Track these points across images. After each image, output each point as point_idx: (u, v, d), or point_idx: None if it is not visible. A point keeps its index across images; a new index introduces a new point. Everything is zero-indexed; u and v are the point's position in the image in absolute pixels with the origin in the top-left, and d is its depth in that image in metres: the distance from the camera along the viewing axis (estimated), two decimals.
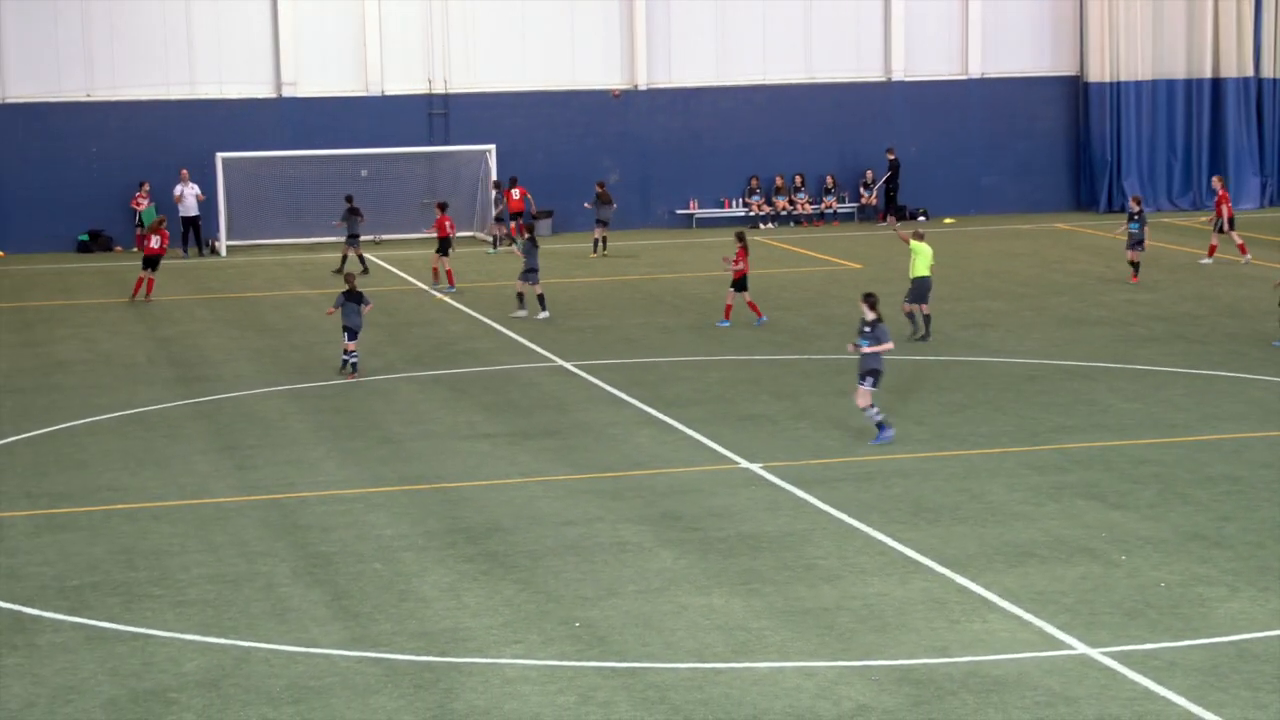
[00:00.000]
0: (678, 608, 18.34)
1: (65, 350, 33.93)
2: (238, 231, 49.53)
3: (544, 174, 52.35)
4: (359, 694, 16.14)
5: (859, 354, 25.53)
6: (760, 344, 33.79)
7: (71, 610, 18.50)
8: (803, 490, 22.83)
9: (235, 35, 50.67)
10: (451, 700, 15.95)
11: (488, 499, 22.78)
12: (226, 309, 39.32)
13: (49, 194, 49.36)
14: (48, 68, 49.46)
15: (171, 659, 17.04)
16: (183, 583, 19.43)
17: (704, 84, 53.83)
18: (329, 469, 24.55)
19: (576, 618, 18.09)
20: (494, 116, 52.02)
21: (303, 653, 17.20)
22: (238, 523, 21.83)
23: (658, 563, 19.95)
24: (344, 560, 20.21)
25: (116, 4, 49.82)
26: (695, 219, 53.78)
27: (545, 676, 16.50)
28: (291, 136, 50.48)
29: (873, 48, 54.82)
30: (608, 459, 24.90)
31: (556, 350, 33.17)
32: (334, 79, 51.44)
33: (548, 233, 52.34)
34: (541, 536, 21.03)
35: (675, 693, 16.03)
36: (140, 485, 23.73)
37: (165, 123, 50.13)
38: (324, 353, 33.39)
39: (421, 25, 51.84)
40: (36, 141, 49.41)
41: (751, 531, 21.07)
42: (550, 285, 42.19)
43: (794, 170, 54.35)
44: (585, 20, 52.89)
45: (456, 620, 18.11)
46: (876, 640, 17.28)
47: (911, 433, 26.07)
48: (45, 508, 22.64)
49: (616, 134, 53.27)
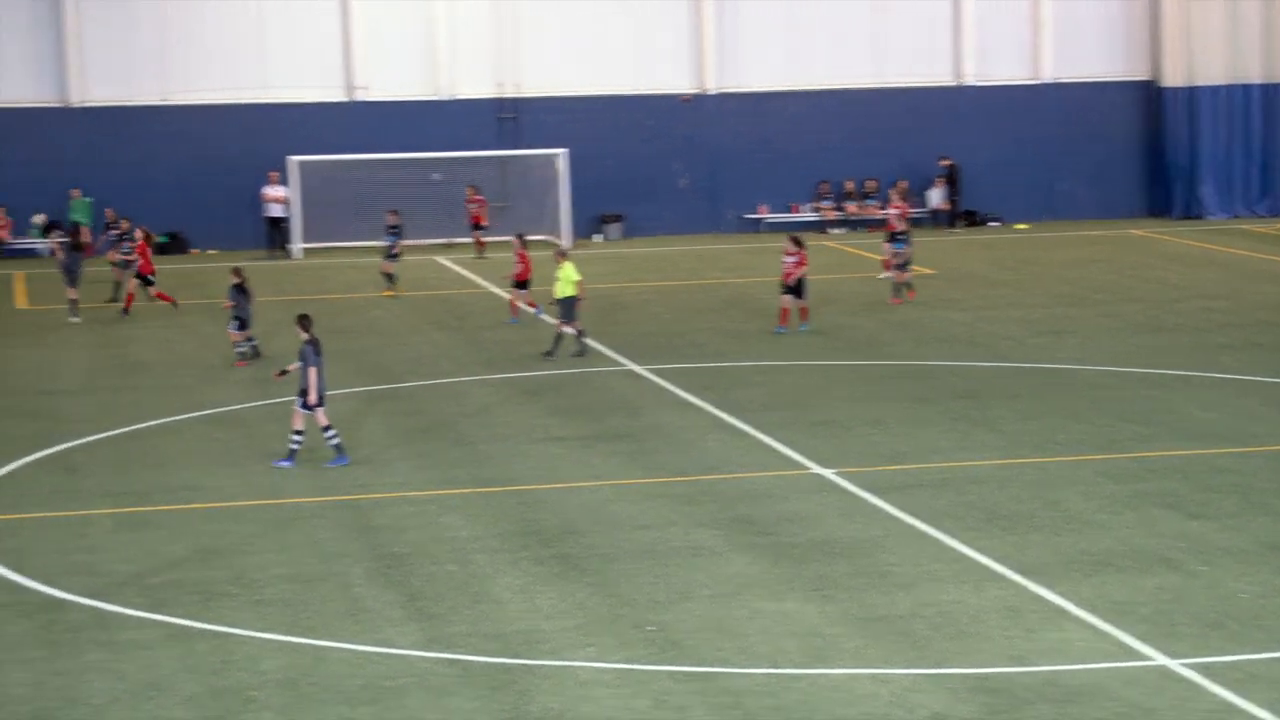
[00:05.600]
0: (751, 613, 18.34)
1: (143, 351, 34.22)
2: (311, 234, 49.81)
3: (613, 178, 52.43)
4: (435, 695, 16.22)
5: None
6: (833, 349, 33.74)
7: (152, 607, 18.67)
8: (876, 496, 22.78)
9: (307, 39, 50.99)
10: (526, 702, 15.99)
11: (561, 502, 22.83)
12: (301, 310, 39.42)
13: (125, 197, 49.70)
14: (124, 72, 49.91)
15: (250, 657, 17.16)
16: (260, 582, 19.57)
17: (773, 88, 53.77)
18: (403, 470, 24.67)
19: (650, 621, 18.10)
20: (564, 121, 52.11)
21: (379, 653, 17.29)
22: (313, 523, 21.97)
23: (731, 567, 19.95)
24: (418, 561, 20.30)
25: (191, 9, 50.23)
26: (764, 224, 53.73)
27: (619, 680, 16.52)
28: (363, 140, 50.72)
29: (943, 52, 54.64)
30: (680, 463, 24.91)
31: (628, 354, 33.21)
32: (405, 83, 51.69)
33: (618, 236, 52.44)
34: (615, 540, 21.07)
35: (749, 698, 16.02)
36: (218, 485, 23.91)
37: (239, 126, 50.48)
38: (396, 355, 33.56)
39: (492, 29, 52.01)
40: (113, 145, 49.85)
41: (825, 537, 21.04)
42: (621, 289, 42.28)
43: (864, 175, 54.22)
44: (655, 24, 52.94)
45: (531, 622, 18.16)
46: (951, 648, 17.21)
47: (986, 440, 25.98)
48: (126, 506, 22.85)
49: (685, 138, 53.29)
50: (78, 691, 16.34)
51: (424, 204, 49.35)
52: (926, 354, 33.16)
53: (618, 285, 43.18)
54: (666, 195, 53.29)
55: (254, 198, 49.93)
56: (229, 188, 50.35)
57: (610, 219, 52.57)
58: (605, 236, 52.48)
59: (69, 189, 49.11)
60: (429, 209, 49.22)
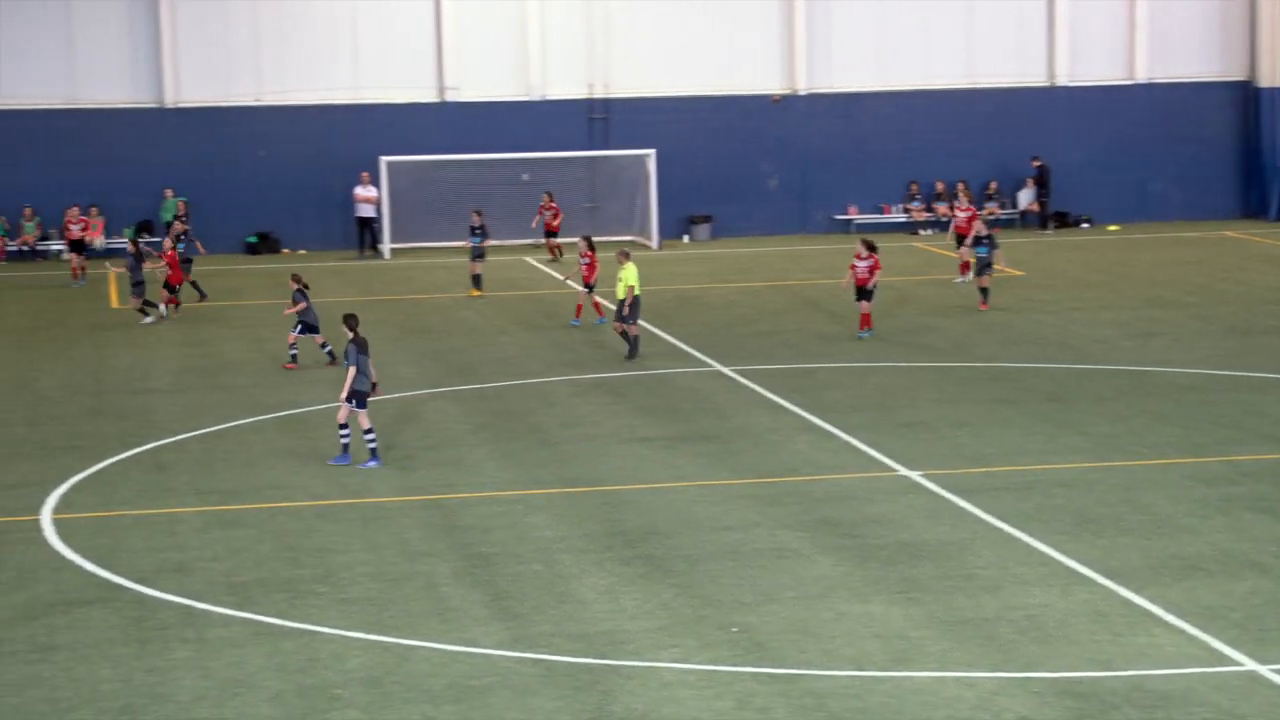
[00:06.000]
0: (836, 615, 18.28)
1: (232, 350, 34.52)
2: (401, 234, 50.08)
3: (703, 179, 52.42)
4: (518, 694, 16.26)
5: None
6: (920, 351, 33.59)
7: (239, 605, 18.83)
8: (963, 499, 22.66)
9: (399, 41, 51.27)
10: (609, 703, 16.01)
11: (646, 502, 22.84)
12: (389, 311, 39.77)
13: (218, 197, 50.25)
14: (218, 73, 50.37)
15: (336, 655, 17.27)
16: (346, 581, 19.69)
17: (864, 89, 53.58)
18: (489, 470, 24.75)
19: (734, 623, 18.09)
20: (653, 121, 52.13)
21: (463, 652, 17.36)
22: (399, 522, 22.08)
23: (816, 569, 19.90)
24: (503, 561, 20.37)
25: (284, 10, 50.64)
26: (854, 225, 53.54)
27: (702, 681, 16.51)
28: (454, 140, 50.94)
29: (1036, 52, 54.28)
30: (766, 464, 24.88)
31: (715, 355, 33.19)
32: (496, 84, 51.86)
33: (707, 237, 52.41)
34: (699, 541, 21.06)
35: (833, 700, 15.98)
36: (304, 484, 24.09)
37: (331, 127, 50.83)
38: (484, 355, 33.70)
39: (582, 30, 52.11)
40: (206, 145, 50.33)
41: (911, 539, 20.94)
42: (709, 290, 42.25)
43: (955, 176, 53.91)
44: (745, 25, 52.86)
45: (615, 623, 18.18)
46: (1038, 652, 17.10)
47: (1074, 443, 25.79)
48: (214, 504, 23.07)
49: (775, 139, 53.19)
50: (165, 688, 16.50)
51: (513, 205, 49.48)
52: (1014, 356, 32.94)
53: (706, 286, 43.17)
54: (755, 196, 53.21)
55: (345, 198, 50.27)
56: (320, 188, 50.74)
57: (699, 220, 52.55)
58: (693, 237, 52.46)
59: (162, 189, 49.59)
60: (518, 210, 49.33)
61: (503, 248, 46.90)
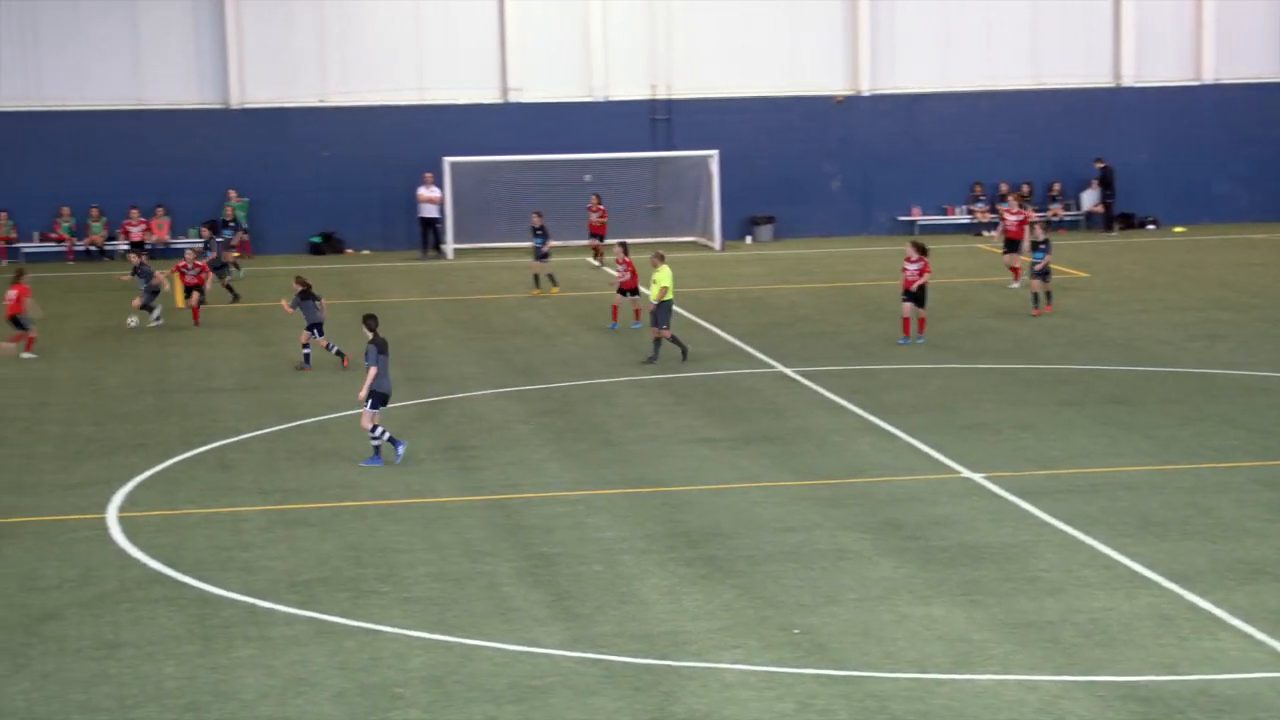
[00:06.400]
0: (898, 617, 18.23)
1: (296, 350, 34.63)
2: (463, 234, 50.23)
3: (765, 179, 52.38)
4: (579, 694, 16.28)
5: None
6: (983, 352, 33.45)
7: (302, 604, 18.92)
8: (1026, 501, 22.55)
9: (463, 41, 51.43)
10: (671, 703, 16.01)
11: (708, 503, 22.83)
12: (453, 311, 39.91)
13: (282, 197, 50.54)
14: (283, 73, 50.66)
15: (398, 655, 17.34)
16: (409, 580, 19.75)
17: (928, 89, 53.42)
18: (552, 471, 24.79)
19: (796, 624, 18.06)
20: (716, 121, 52.11)
21: (525, 652, 17.39)
22: (462, 522, 22.14)
23: (878, 571, 19.84)
24: (565, 561, 20.39)
25: (348, 11, 50.87)
26: (918, 226, 53.38)
27: (764, 682, 16.49)
28: (516, 141, 51.05)
29: (1102, 52, 53.99)
30: (828, 466, 24.82)
31: (777, 356, 33.14)
32: (559, 84, 51.95)
33: (769, 238, 52.35)
34: (761, 542, 21.04)
35: (895, 703, 15.93)
36: (368, 483, 24.18)
37: (394, 128, 51.04)
38: (547, 356, 33.75)
39: (645, 31, 52.14)
40: (271, 146, 50.62)
41: (973, 542, 20.86)
42: (772, 291, 42.20)
43: (1019, 177, 53.69)
44: (808, 25, 52.80)
45: (676, 623, 18.18)
46: (1102, 656, 17.00)
47: (1139, 446, 25.63)
48: (278, 503, 23.19)
49: (838, 139, 53.10)
50: (230, 685, 16.60)
51: (576, 205, 49.54)
52: (1078, 358, 32.77)
53: (768, 287, 43.13)
54: (818, 197, 53.14)
55: (408, 199, 50.47)
56: (384, 189, 50.95)
57: (761, 220, 52.51)
58: (756, 238, 52.42)
59: (227, 190, 49.90)
60: (581, 210, 49.40)
61: (566, 248, 46.93)
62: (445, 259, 49.50)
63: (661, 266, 32.87)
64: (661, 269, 32.80)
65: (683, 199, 51.92)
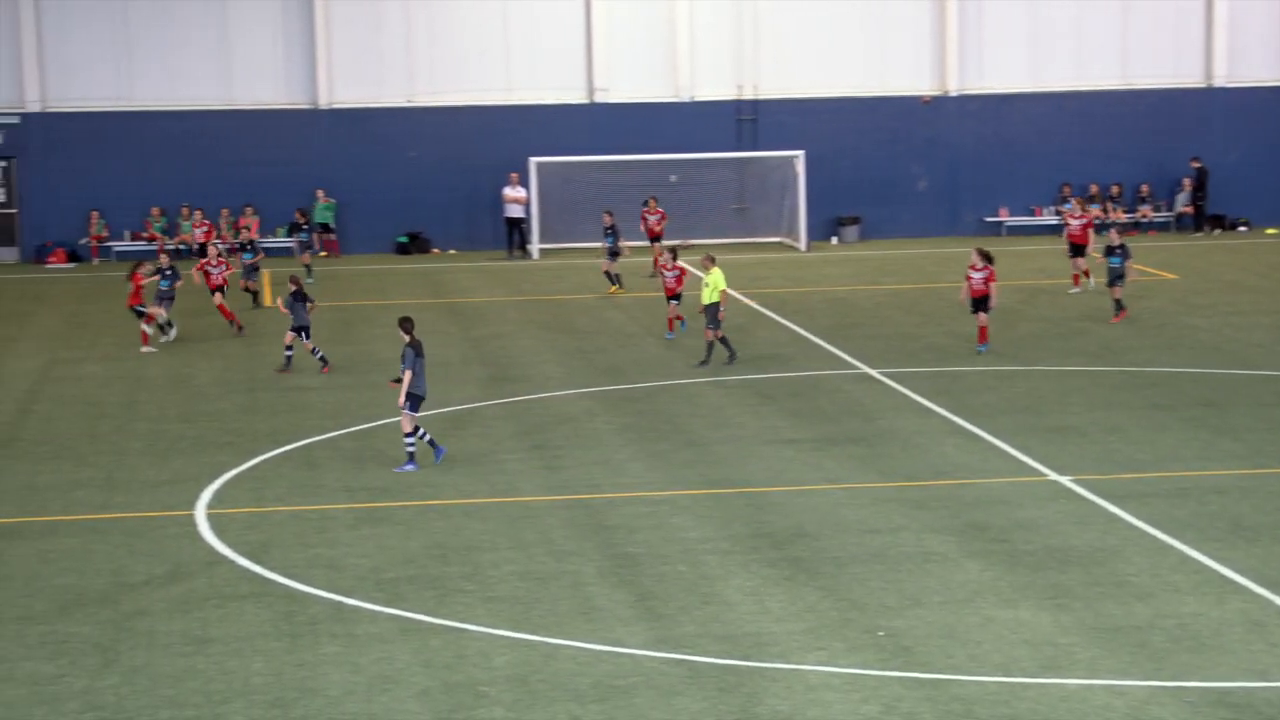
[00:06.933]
0: (984, 620, 18.12)
1: (382, 349, 34.82)
2: (549, 234, 50.35)
3: (851, 180, 52.21)
4: (663, 695, 16.27)
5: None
6: (1071, 355, 33.21)
7: (388, 602, 19.01)
8: (1114, 505, 22.37)
9: (549, 42, 51.55)
10: (754, 705, 15.98)
11: (792, 504, 22.78)
12: (537, 311, 40.00)
13: (369, 197, 50.84)
14: (370, 74, 50.95)
15: (482, 653, 17.39)
16: (493, 579, 19.81)
17: (1016, 90, 53.08)
18: (635, 471, 24.81)
19: (880, 626, 17.99)
20: (802, 122, 52.00)
21: (608, 651, 17.40)
22: (546, 521, 22.19)
23: (963, 574, 19.73)
24: (649, 561, 20.40)
25: (436, 12, 51.10)
26: (1005, 227, 53.06)
27: (848, 685, 16.43)
28: (602, 141, 51.12)
29: (1193, 52, 53.47)
30: (913, 468, 24.72)
31: (862, 357, 33.03)
32: (645, 85, 51.98)
33: (855, 239, 52.17)
34: (846, 543, 20.97)
35: (981, 706, 15.83)
36: (453, 482, 24.28)
37: (480, 128, 51.22)
38: (631, 356, 33.77)
39: (732, 31, 52.09)
40: (359, 146, 50.93)
41: (1060, 545, 20.71)
42: (857, 292, 42.07)
43: (1108, 178, 53.28)
44: (896, 25, 52.59)
45: (760, 625, 18.15)
46: (1191, 661, 16.84)
47: (1229, 449, 25.37)
48: (364, 501, 23.31)
49: (925, 140, 52.86)
50: (315, 682, 16.71)
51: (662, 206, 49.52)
52: (1167, 360, 32.47)
53: (853, 288, 42.99)
54: (904, 197, 52.92)
55: (494, 199, 50.64)
56: (470, 189, 51.15)
57: (847, 221, 52.35)
58: (841, 239, 52.27)
59: (315, 189, 50.25)
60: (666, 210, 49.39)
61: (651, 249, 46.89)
62: (530, 259, 49.63)
63: (713, 269, 32.70)
64: (713, 271, 32.64)
65: (768, 200, 51.84)
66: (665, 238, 45.45)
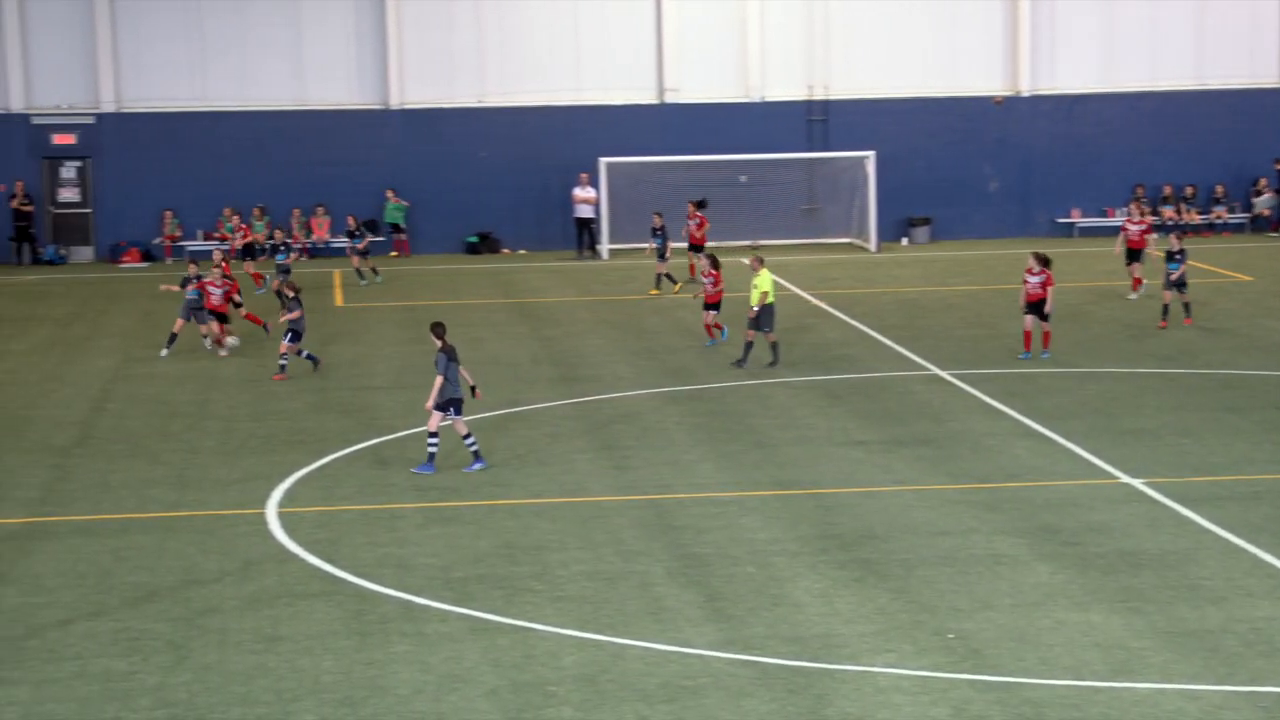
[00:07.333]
0: (1054, 623, 18.03)
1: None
2: (619, 235, 50.36)
3: (922, 181, 51.99)
4: (732, 696, 16.27)
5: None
6: (1144, 357, 32.97)
7: (457, 601, 19.08)
8: (1187, 508, 22.20)
9: (619, 42, 51.55)
10: (823, 706, 15.95)
11: (861, 506, 22.72)
12: (607, 311, 40.03)
13: (440, 197, 51.00)
14: (442, 75, 51.09)
15: (551, 653, 17.42)
16: (562, 579, 19.85)
17: (1088, 90, 52.73)
18: (704, 471, 24.79)
19: (950, 629, 17.92)
20: (873, 123, 51.80)
21: (677, 652, 17.41)
22: (615, 521, 22.21)
23: (1034, 576, 19.63)
24: (718, 562, 20.39)
25: (507, 13, 51.19)
26: (1077, 228, 52.73)
27: (918, 687, 16.38)
28: (672, 142, 51.10)
29: (1269, 52, 52.95)
30: (983, 470, 24.60)
31: (933, 359, 32.89)
32: (715, 85, 51.91)
33: (926, 240, 51.95)
34: (915, 545, 20.90)
35: (1051, 710, 15.75)
36: (522, 482, 24.33)
37: (551, 128, 51.27)
38: (701, 356, 33.74)
39: (802, 31, 51.95)
40: (429, 146, 51.07)
41: (1132, 548, 20.57)
42: (928, 294, 41.90)
43: (1182, 179, 52.85)
44: (967, 25, 52.30)
45: (829, 626, 18.11)
46: (1265, 666, 16.69)
47: None
48: (433, 501, 23.40)
49: (996, 141, 52.57)
50: (385, 681, 16.78)
51: (730, 206, 49.47)
52: (1242, 363, 32.20)
53: (924, 289, 42.82)
54: (976, 198, 52.65)
55: (564, 199, 50.71)
56: (540, 189, 51.21)
57: (918, 222, 52.13)
58: (912, 240, 52.06)
59: (385, 190, 50.45)
60: (735, 211, 49.33)
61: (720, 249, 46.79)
62: (600, 259, 49.67)
63: (762, 270, 32.58)
64: (762, 273, 32.50)
65: (838, 200, 51.67)
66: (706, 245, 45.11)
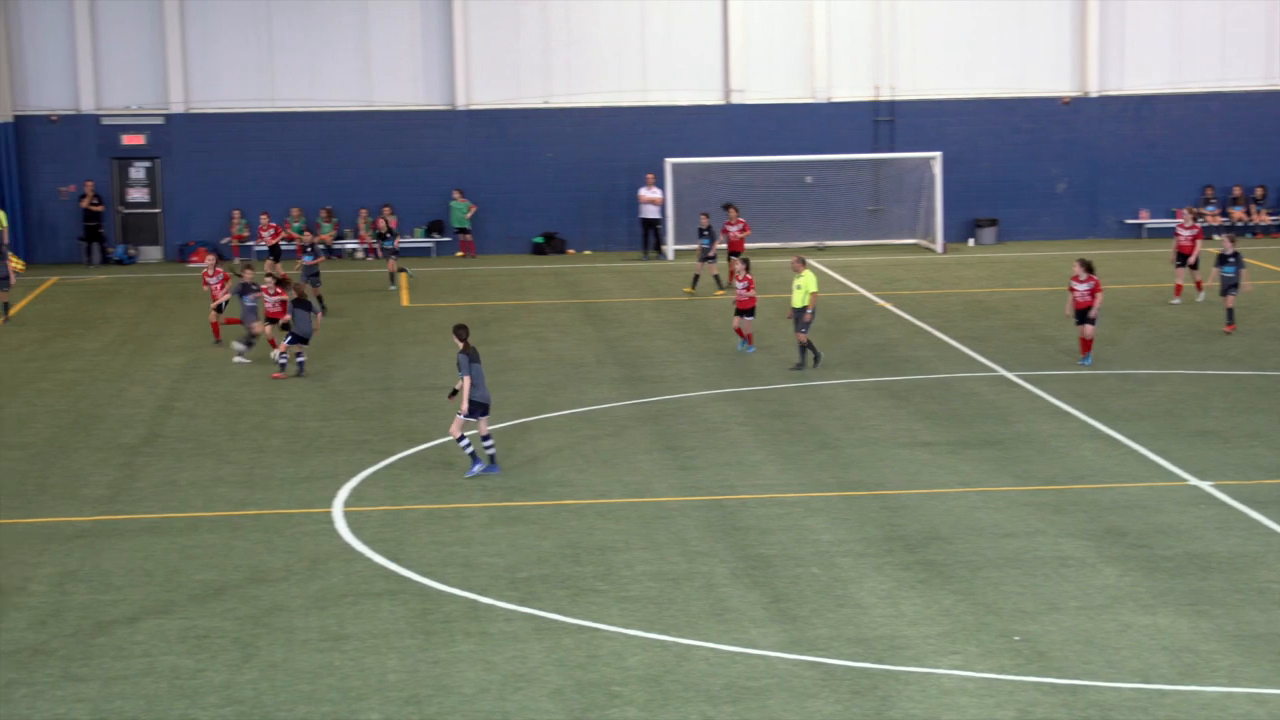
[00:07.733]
0: (1121, 626, 17.92)
1: (518, 349, 35.06)
2: (685, 235, 50.34)
3: (989, 182, 51.78)
4: (796, 697, 16.25)
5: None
6: (1212, 359, 32.74)
7: (521, 601, 19.13)
8: (1256, 511, 22.03)
9: (687, 42, 51.56)
10: (888, 708, 15.92)
11: (927, 507, 22.66)
12: (672, 311, 40.03)
13: (507, 197, 51.14)
14: (508, 75, 51.23)
15: (615, 653, 17.45)
16: (626, 579, 19.87)
17: (1158, 90, 52.37)
18: (768, 472, 24.77)
19: (1016, 631, 17.85)
20: (939, 123, 51.64)
21: (741, 653, 17.41)
22: (679, 522, 22.22)
23: (1101, 579, 19.53)
24: (782, 563, 20.37)
25: (574, 14, 51.28)
26: (1145, 229, 52.39)
27: (983, 689, 16.32)
28: (738, 143, 51.08)
29: None
30: (1050, 471, 24.48)
31: (999, 360, 32.76)
32: (781, 85, 51.85)
33: (992, 241, 51.74)
34: (981, 547, 20.82)
35: (1118, 713, 15.67)
36: (587, 482, 24.38)
37: (617, 129, 51.34)
38: (765, 357, 33.70)
39: (868, 31, 51.83)
40: (496, 146, 51.23)
41: (1200, 551, 20.44)
42: (994, 295, 41.72)
43: (1252, 181, 52.44)
44: (1035, 25, 52.06)
45: (894, 628, 18.07)
46: None
47: None
48: (498, 500, 23.47)
49: (1064, 141, 52.29)
50: (450, 679, 16.85)
51: (797, 207, 49.40)
52: None
53: (990, 290, 42.64)
54: (1043, 199, 52.39)
55: (630, 199, 50.76)
56: (605, 189, 51.29)
57: (984, 223, 51.92)
58: (979, 241, 51.85)
59: (452, 190, 50.63)
60: (802, 212, 49.27)
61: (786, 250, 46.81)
62: (666, 260, 49.69)
63: (804, 271, 32.48)
64: (805, 274, 32.41)
65: (904, 201, 51.51)
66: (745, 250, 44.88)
